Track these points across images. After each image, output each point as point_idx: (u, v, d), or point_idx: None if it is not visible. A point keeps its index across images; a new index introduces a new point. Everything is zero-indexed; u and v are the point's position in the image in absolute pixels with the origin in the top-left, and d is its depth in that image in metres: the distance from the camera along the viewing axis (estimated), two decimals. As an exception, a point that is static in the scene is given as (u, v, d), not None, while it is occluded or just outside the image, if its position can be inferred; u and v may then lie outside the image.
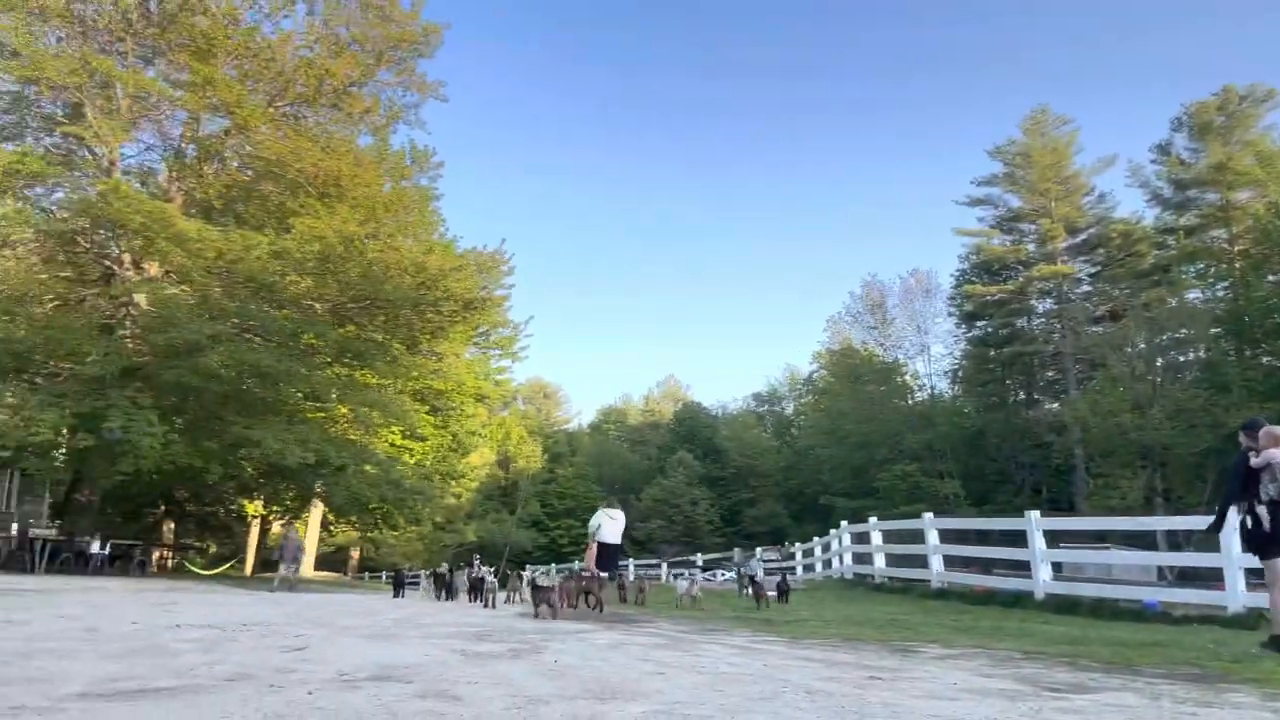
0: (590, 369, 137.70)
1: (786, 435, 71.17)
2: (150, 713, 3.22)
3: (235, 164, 24.99)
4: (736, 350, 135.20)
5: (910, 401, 46.22)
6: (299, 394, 23.17)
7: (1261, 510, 6.79)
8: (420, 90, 26.29)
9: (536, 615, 9.87)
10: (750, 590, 14.74)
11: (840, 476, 49.40)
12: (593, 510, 16.90)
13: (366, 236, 25.18)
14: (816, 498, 49.93)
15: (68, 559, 18.76)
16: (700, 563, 22.47)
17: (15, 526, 22.39)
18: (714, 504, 59.01)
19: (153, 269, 22.30)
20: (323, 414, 24.96)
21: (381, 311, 24.17)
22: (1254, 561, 8.05)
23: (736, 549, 29.14)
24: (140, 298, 21.07)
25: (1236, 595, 10.10)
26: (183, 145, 24.69)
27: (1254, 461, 6.94)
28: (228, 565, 36.74)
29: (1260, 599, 10.10)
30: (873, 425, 44.02)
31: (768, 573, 22.28)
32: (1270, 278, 35.78)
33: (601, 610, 11.09)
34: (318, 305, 23.50)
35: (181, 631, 6.69)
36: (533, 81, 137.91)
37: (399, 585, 20.85)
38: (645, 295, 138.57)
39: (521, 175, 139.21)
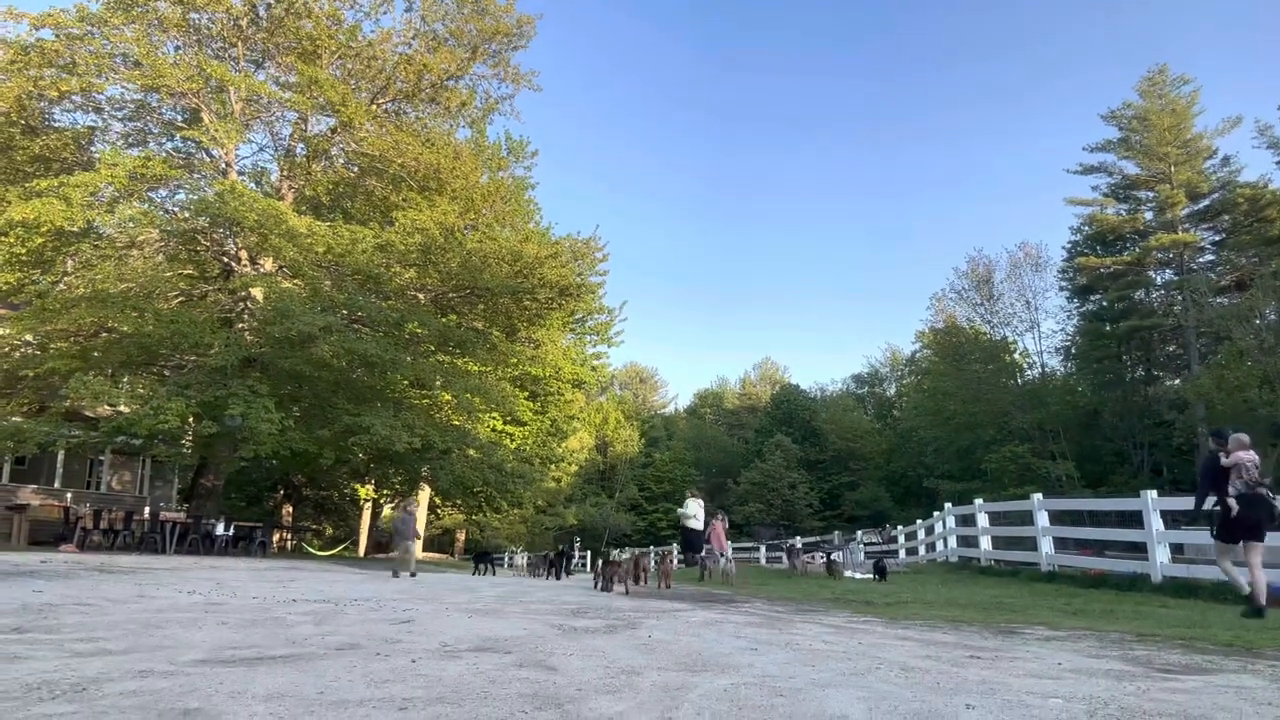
0: (687, 353, 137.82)
1: (888, 417, 69.58)
2: (263, 677, 3.45)
3: (341, 161, 25.94)
4: (836, 332, 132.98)
5: (1019, 380, 44.41)
6: (405, 381, 23.99)
7: (1232, 502, 8.50)
8: (514, 81, 26.67)
9: (602, 588, 10.20)
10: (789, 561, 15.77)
11: (945, 459, 48.03)
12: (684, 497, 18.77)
13: (466, 227, 25.87)
14: (920, 481, 48.77)
15: (195, 540, 19.96)
16: (799, 545, 22.34)
17: (148, 510, 24.03)
18: (813, 487, 58.26)
19: (267, 264, 23.39)
20: (427, 400, 25.76)
21: (481, 300, 24.73)
22: None
23: (836, 532, 28.84)
24: (257, 292, 22.14)
25: (1382, 580, 9.43)
26: (292, 145, 25.75)
27: (1224, 462, 8.68)
28: (342, 547, 38.42)
29: None
30: (979, 405, 42.55)
31: (868, 555, 22.04)
32: None
33: (668, 587, 11.14)
34: (420, 295, 24.24)
35: (297, 605, 7.08)
36: (627, 65, 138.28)
37: (480, 561, 21.58)
38: (742, 278, 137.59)
39: (616, 160, 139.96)
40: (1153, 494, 11.81)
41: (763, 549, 29.28)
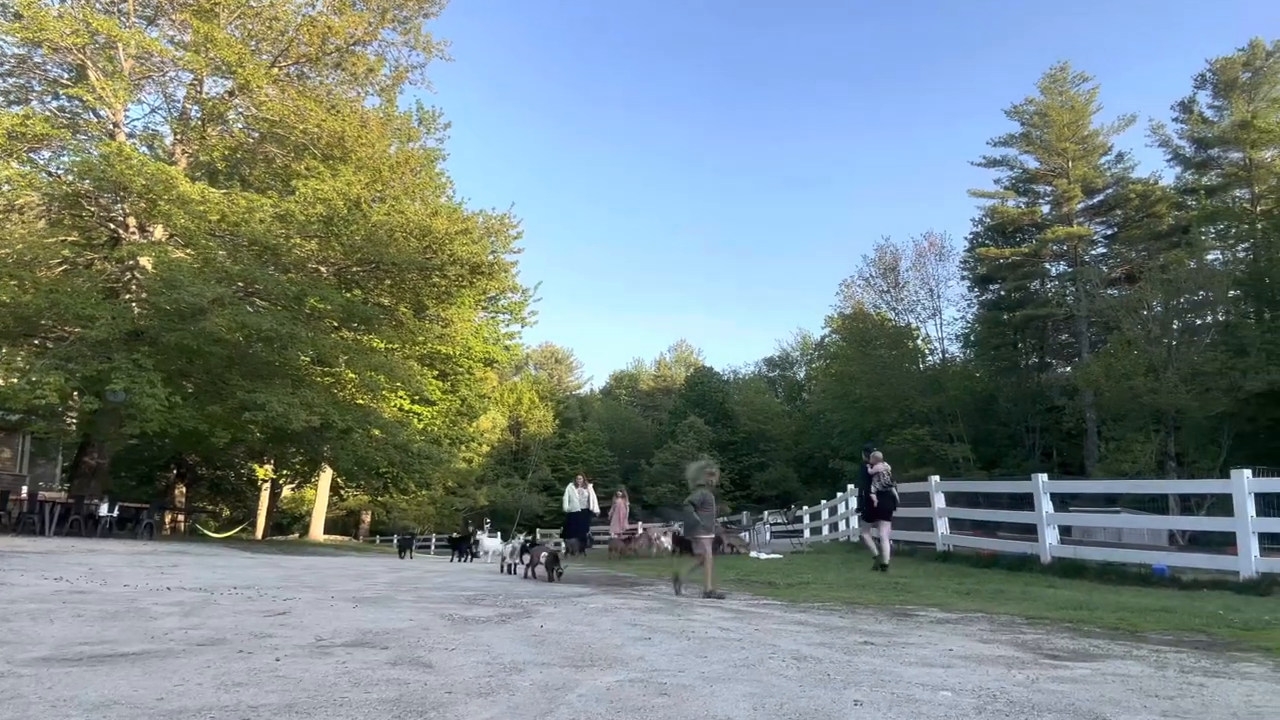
0: (603, 334, 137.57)
1: (798, 400, 70.84)
2: (103, 680, 3.11)
3: (239, 126, 24.71)
4: (750, 315, 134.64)
5: (921, 366, 45.69)
6: (307, 359, 23.11)
7: (873, 496, 12.44)
8: (426, 50, 25.80)
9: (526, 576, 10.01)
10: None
11: (850, 440, 49.07)
12: (603, 475, 18.96)
13: (373, 199, 24.97)
14: (826, 462, 49.78)
15: (77, 521, 18.84)
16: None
17: (25, 489, 22.57)
18: (724, 468, 58.97)
19: (158, 232, 22.14)
20: (330, 379, 24.91)
21: (388, 276, 23.97)
22: (1268, 527, 10.07)
23: (745, 512, 29.19)
24: (145, 261, 20.92)
25: (1249, 560, 9.90)
26: (187, 108, 24.40)
27: (870, 470, 12.58)
28: (239, 529, 37.08)
29: (1272, 564, 9.99)
30: (883, 389, 43.59)
31: (774, 535, 22.36)
32: (1293, 238, 35.06)
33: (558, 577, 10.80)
34: (323, 269, 23.32)
35: (168, 595, 6.63)
36: (541, 41, 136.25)
37: (404, 547, 21.11)
38: (659, 260, 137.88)
39: (532, 138, 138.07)
40: (1043, 477, 12.18)
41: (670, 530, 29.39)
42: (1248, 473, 10.12)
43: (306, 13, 23.29)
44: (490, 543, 20.20)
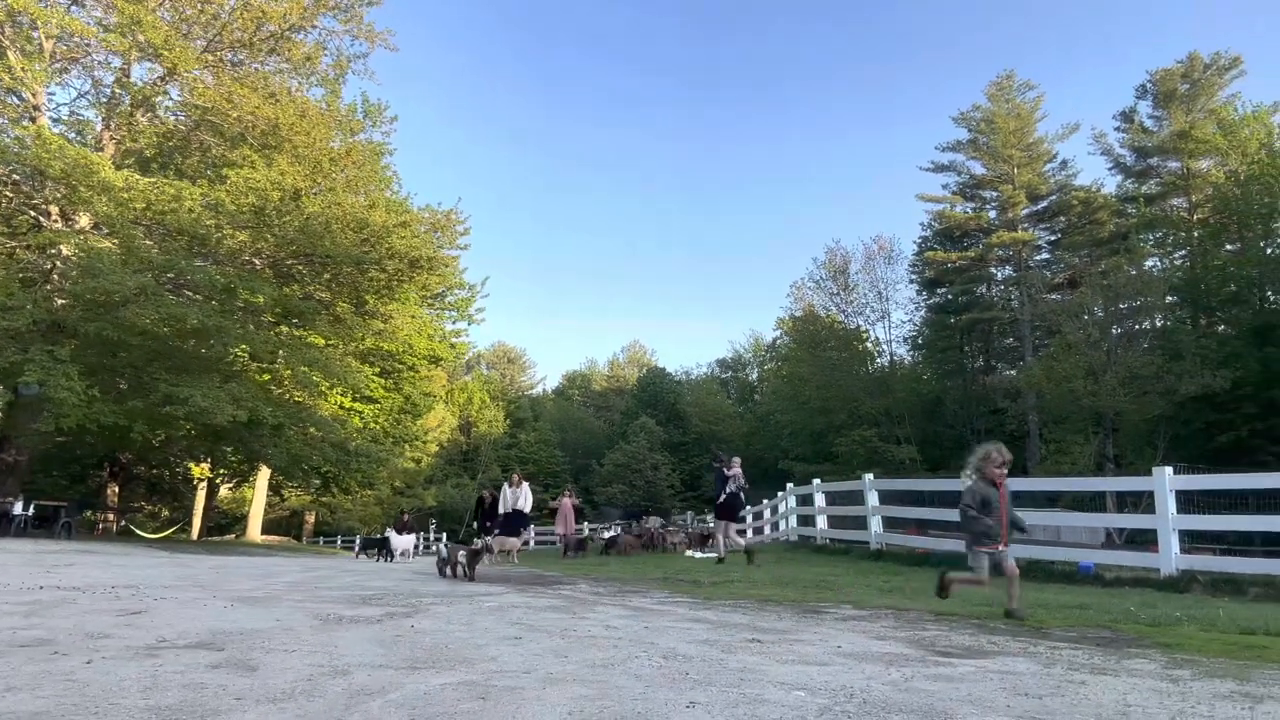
0: (557, 334, 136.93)
1: (749, 401, 71.11)
2: None
3: (170, 113, 23.93)
4: (704, 316, 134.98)
5: (870, 368, 46.06)
6: (242, 354, 22.41)
7: (727, 496, 13.77)
8: (369, 39, 25.14)
9: (444, 575, 9.64)
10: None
11: (800, 442, 49.37)
12: (553, 476, 19.15)
13: (312, 191, 24.31)
14: (776, 463, 49.92)
15: (-11, 521, 18.04)
16: (658, 525, 22.43)
17: (-69, 488, 21.56)
18: (675, 469, 58.90)
19: (83, 220, 21.32)
20: (268, 375, 24.21)
21: (325, 269, 23.34)
22: (1189, 524, 10.35)
23: (689, 512, 29.07)
24: (67, 249, 20.14)
25: (1170, 558, 9.94)
26: (116, 93, 23.57)
27: (727, 473, 13.90)
28: (174, 529, 35.99)
29: (1194, 561, 10.05)
30: (832, 391, 43.84)
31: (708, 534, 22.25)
32: (1227, 246, 35.91)
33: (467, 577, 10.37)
34: (257, 261, 22.64)
35: (34, 594, 6.20)
36: (493, 40, 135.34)
37: (369, 547, 20.51)
38: (614, 261, 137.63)
39: (487, 137, 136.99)
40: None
41: (616, 529, 29.15)
42: (1168, 470, 10.16)
43: (242, -3, 22.63)
44: (401, 541, 19.77)
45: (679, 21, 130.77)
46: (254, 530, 34.01)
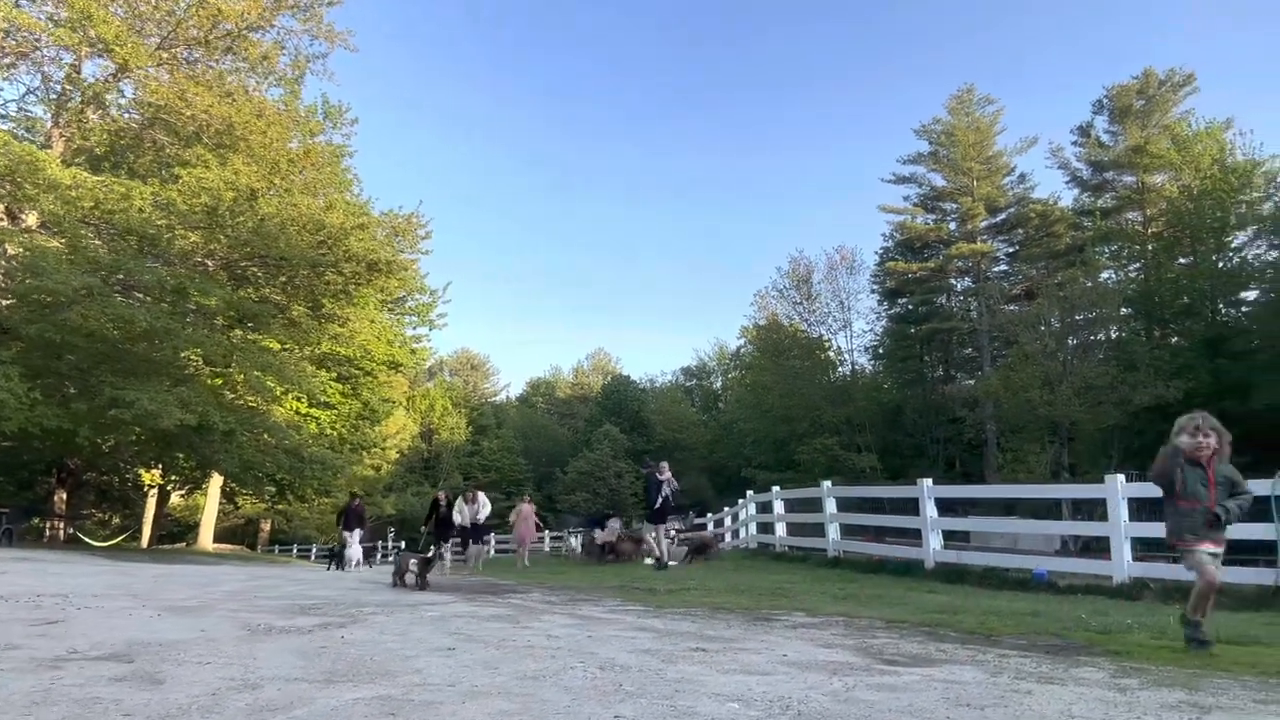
0: (521, 341, 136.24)
1: (713, 409, 71.15)
2: None
3: (122, 110, 23.36)
4: (669, 325, 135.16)
5: (832, 376, 46.31)
6: (195, 357, 21.88)
7: (661, 499, 14.43)
8: (329, 39, 24.75)
9: (395, 585, 9.36)
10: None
11: (763, 450, 49.45)
12: (516, 484, 19.09)
13: (269, 191, 23.84)
14: (740, 471, 49.96)
15: (-75, 528, 17.39)
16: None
17: None
18: (639, 477, 58.71)
19: (31, 219, 20.72)
20: (220, 380, 23.67)
21: (281, 272, 22.89)
22: (1142, 531, 9.95)
23: (646, 520, 28.88)
24: (11, 248, 19.53)
25: (1122, 565, 9.96)
26: (67, 90, 22.97)
27: (660, 477, 14.41)
28: (123, 536, 35.07)
29: (1145, 569, 10.07)
30: (795, 400, 43.98)
31: (682, 542, 22.09)
32: (1180, 260, 36.60)
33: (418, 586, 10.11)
34: (209, 262, 22.14)
35: (-53, 604, 5.89)
36: (455, 52, 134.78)
37: (333, 558, 19.94)
38: (580, 268, 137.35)
39: (452, 141, 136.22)
40: (928, 483, 12.15)
41: (575, 538, 28.93)
42: (1120, 478, 10.20)
43: (199, -6, 22.18)
44: (355, 549, 19.38)
45: (648, 31, 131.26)
46: (206, 538, 33.23)
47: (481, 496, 17.70)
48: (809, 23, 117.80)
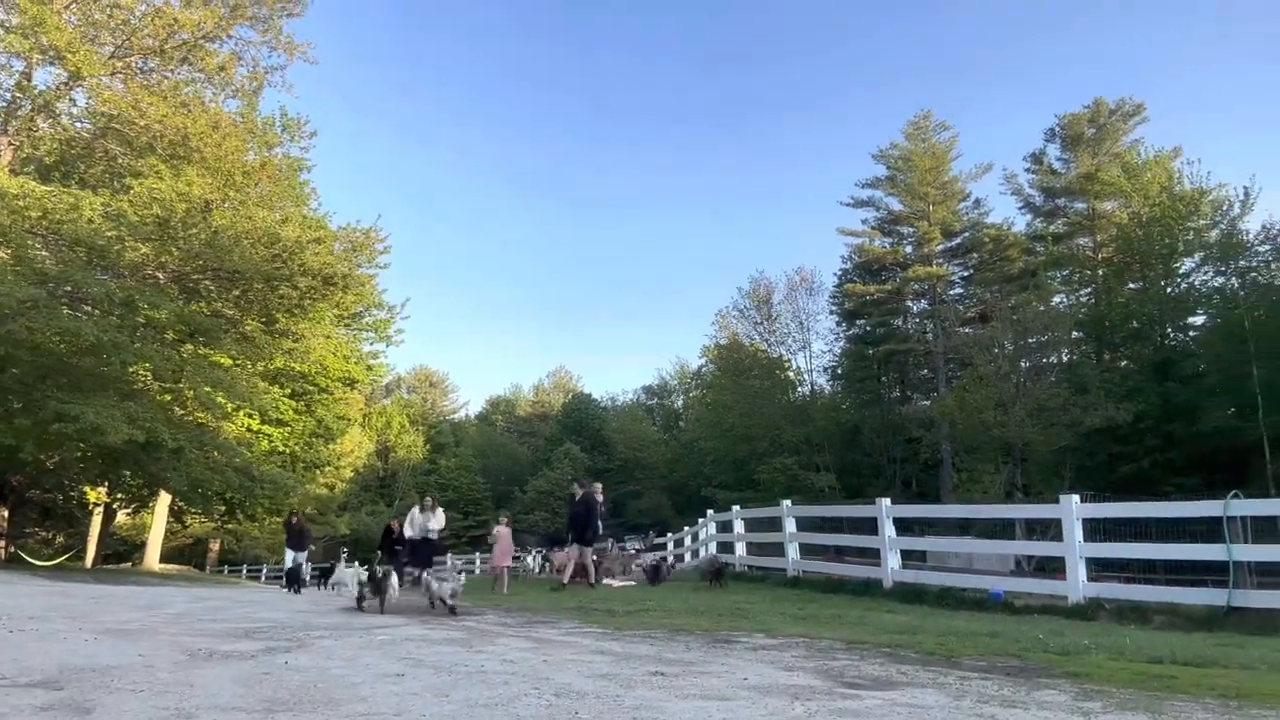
0: (482, 359, 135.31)
1: (674, 428, 71.17)
2: None
3: (74, 119, 22.84)
4: (631, 343, 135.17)
5: (791, 396, 46.61)
6: (145, 371, 21.31)
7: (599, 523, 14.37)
8: (288, 51, 24.47)
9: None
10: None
11: (723, 469, 49.54)
12: (475, 504, 17.98)
13: (223, 203, 23.41)
14: (700, 490, 49.95)
15: None
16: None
17: None
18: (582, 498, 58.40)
19: (-24, 229, 20.10)
20: (170, 395, 23.07)
21: (235, 285, 22.44)
22: (1095, 552, 10.21)
23: (610, 539, 28.70)
24: (-48, 258, 18.88)
25: (1077, 585, 10.06)
26: (16, 96, 22.40)
27: (598, 498, 14.12)
28: (66, 556, 33.95)
29: (1100, 588, 10.17)
30: (755, 419, 44.17)
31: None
32: (1130, 285, 37.50)
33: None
34: (160, 275, 21.63)
35: None
36: (421, 72, 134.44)
37: (292, 581, 19.08)
38: (541, 286, 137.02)
39: (414, 158, 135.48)
40: (886, 502, 12.19)
41: (534, 558, 28.64)
42: (1075, 498, 10.31)
43: (152, 2, 21.82)
44: (294, 556, 18.90)
45: (608, 50, 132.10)
46: (152, 558, 32.29)
47: (440, 511, 17.16)
48: (770, 45, 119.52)
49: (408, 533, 16.53)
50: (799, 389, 47.97)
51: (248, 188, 23.92)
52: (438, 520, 16.46)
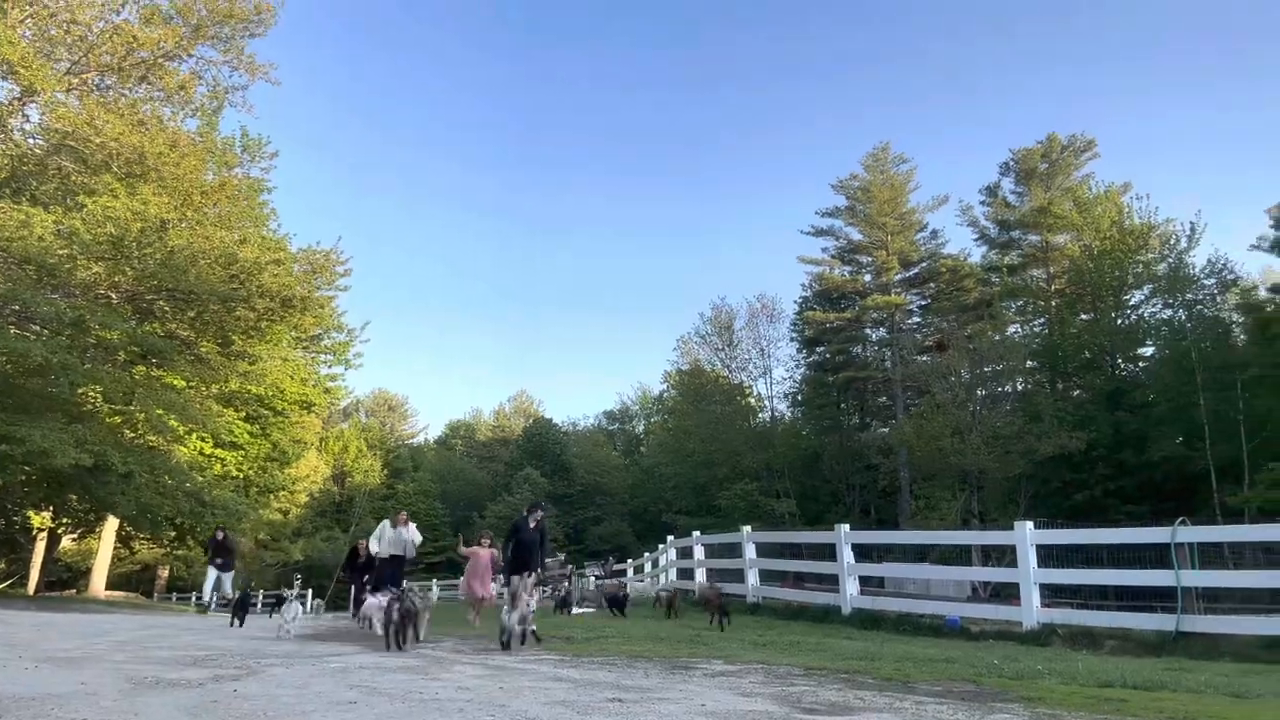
0: (442, 383, 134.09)
1: (635, 453, 71.06)
2: None
3: (29, 136, 22.41)
4: (593, 367, 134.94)
5: (752, 422, 46.85)
6: (95, 393, 20.80)
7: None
8: (250, 71, 24.26)
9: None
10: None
11: (683, 495, 49.54)
12: (433, 529, 16.16)
13: (179, 222, 23.08)
14: (660, 515, 49.88)
15: None
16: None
17: None
18: (559, 521, 57.97)
19: (-82, 245, 19.55)
20: (120, 418, 22.54)
21: (190, 306, 22.07)
22: (1050, 578, 10.44)
23: (569, 565, 28.50)
24: (-107, 275, 18.37)
25: (1031, 611, 10.20)
26: (-34, 112, 21.94)
27: (534, 526, 12.29)
28: (7, 583, 32.84)
29: (1054, 614, 10.32)
30: (715, 445, 44.30)
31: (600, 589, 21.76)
32: (1082, 316, 38.39)
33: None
34: (113, 295, 21.21)
35: None
36: (377, 96, 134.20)
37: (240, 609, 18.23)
38: (502, 310, 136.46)
39: (377, 183, 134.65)
40: (845, 528, 12.28)
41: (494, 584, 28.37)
42: (1029, 524, 10.47)
43: (111, 19, 21.56)
44: (223, 574, 18.31)
45: (567, 76, 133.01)
46: (98, 585, 31.37)
47: (412, 525, 15.73)
48: (733, 74, 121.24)
49: (374, 549, 15.27)
50: (760, 415, 48.24)
51: (205, 207, 23.60)
52: (415, 534, 15.13)
